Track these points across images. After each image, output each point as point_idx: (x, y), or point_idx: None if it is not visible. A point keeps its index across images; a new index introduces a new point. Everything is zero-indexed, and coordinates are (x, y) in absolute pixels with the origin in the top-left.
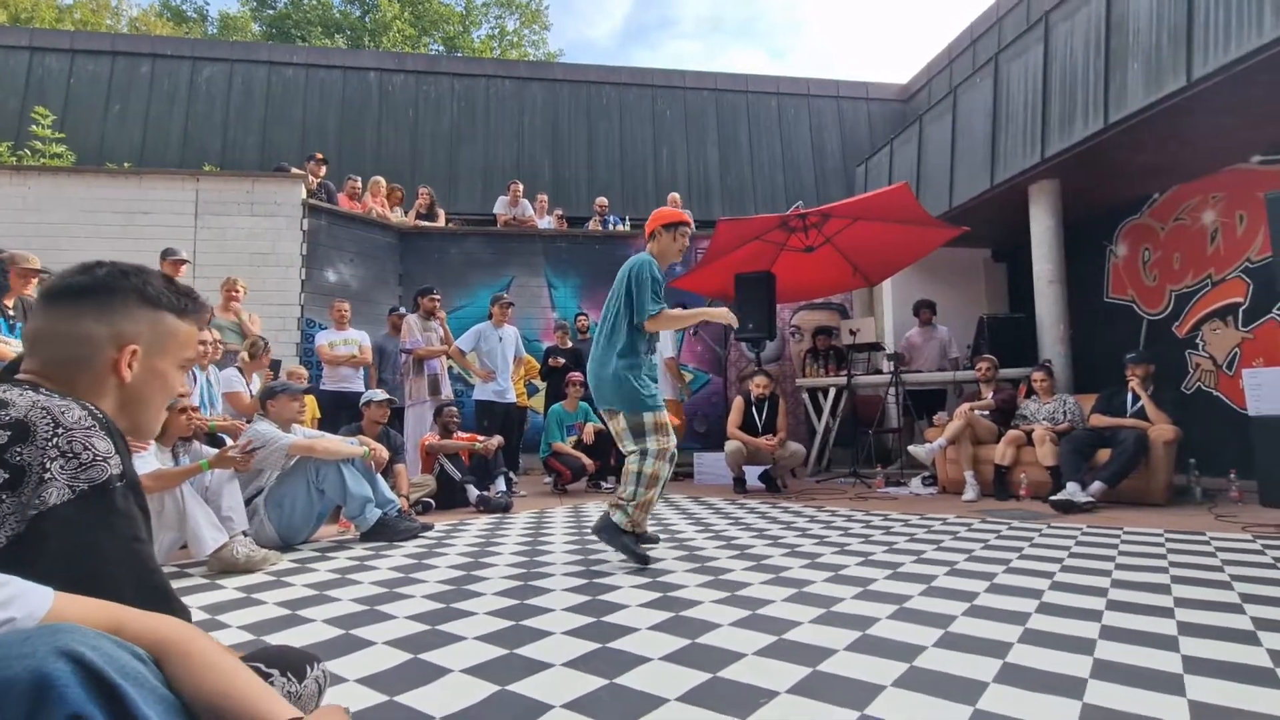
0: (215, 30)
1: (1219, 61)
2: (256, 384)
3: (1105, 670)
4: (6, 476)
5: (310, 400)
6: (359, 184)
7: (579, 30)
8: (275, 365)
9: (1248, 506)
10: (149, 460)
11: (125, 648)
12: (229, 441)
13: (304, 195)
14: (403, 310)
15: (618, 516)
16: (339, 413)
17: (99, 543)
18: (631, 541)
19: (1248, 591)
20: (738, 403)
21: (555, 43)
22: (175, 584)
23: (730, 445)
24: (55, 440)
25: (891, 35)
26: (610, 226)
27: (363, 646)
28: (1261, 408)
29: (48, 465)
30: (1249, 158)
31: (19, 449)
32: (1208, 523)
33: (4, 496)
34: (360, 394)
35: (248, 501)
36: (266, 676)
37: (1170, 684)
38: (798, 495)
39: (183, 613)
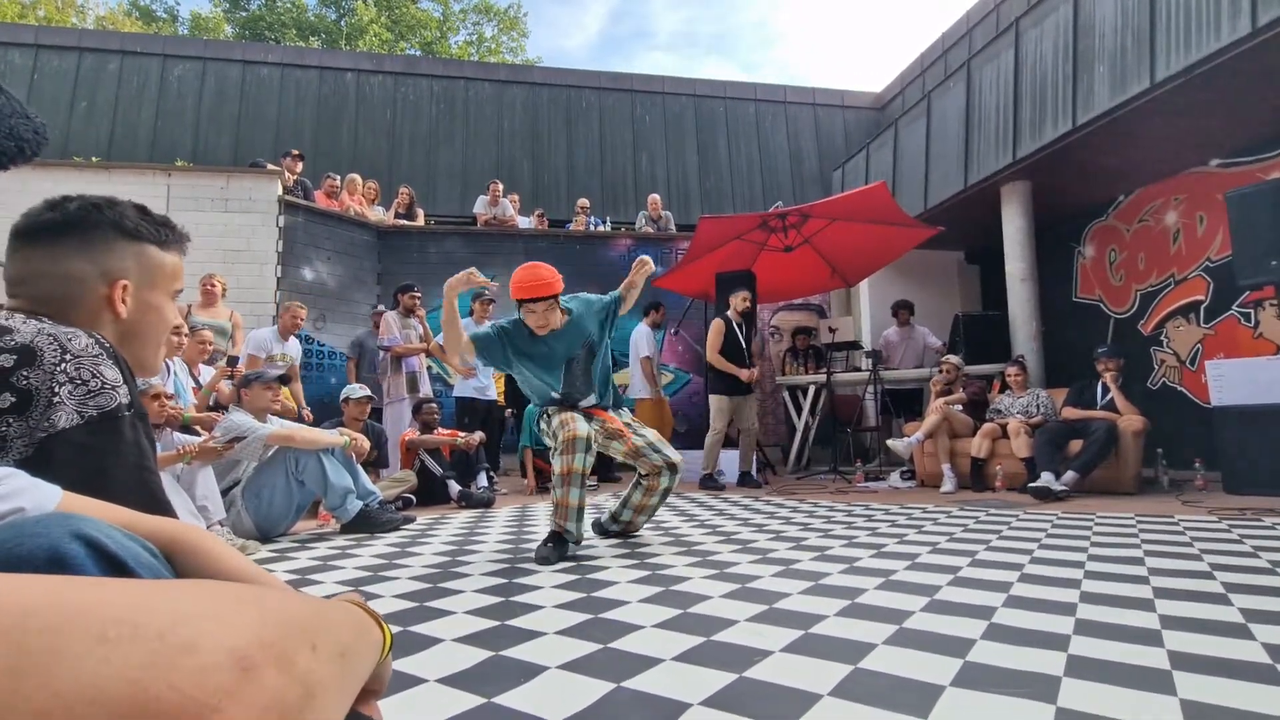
0: (186, 31)
1: (1180, 64)
2: (204, 375)
3: (1087, 628)
4: (14, 400)
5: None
6: (337, 182)
7: (554, 41)
8: (234, 361)
9: (1212, 494)
10: None
11: (137, 541)
12: (202, 433)
13: (280, 192)
14: (383, 308)
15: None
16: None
17: (107, 469)
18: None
19: (1217, 562)
20: (717, 325)
21: (531, 52)
22: None
23: (710, 439)
24: (63, 365)
25: (860, 52)
26: (591, 227)
27: None
28: (1224, 398)
29: (56, 390)
30: (1208, 161)
31: (26, 372)
32: (1175, 508)
33: (11, 420)
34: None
35: (225, 492)
36: None
37: (1150, 638)
38: (779, 490)
39: None
